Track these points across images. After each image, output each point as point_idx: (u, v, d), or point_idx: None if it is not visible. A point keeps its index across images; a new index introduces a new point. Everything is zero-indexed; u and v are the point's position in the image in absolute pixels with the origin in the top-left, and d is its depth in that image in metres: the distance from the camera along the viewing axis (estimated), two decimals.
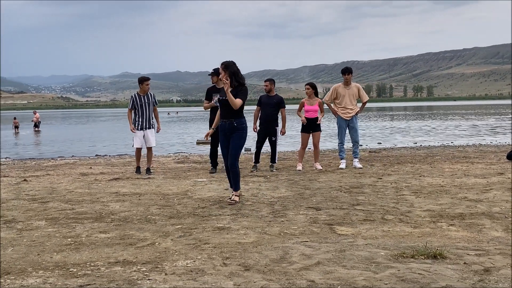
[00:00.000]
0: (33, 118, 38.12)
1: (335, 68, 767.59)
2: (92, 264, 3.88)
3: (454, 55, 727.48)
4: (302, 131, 9.95)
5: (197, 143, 20.67)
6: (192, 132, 30.26)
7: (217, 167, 9.81)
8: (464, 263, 3.71)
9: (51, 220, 5.58)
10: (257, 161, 9.98)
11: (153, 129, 9.75)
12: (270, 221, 5.32)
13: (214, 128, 6.96)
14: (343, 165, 9.87)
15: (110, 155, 15.89)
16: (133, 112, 9.71)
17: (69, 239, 4.70)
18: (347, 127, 9.84)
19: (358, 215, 5.54)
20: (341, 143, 9.93)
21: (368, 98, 10.23)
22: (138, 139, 9.63)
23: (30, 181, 8.92)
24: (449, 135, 22.81)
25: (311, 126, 9.84)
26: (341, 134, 9.92)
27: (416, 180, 8.04)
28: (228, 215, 5.66)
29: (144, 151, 9.85)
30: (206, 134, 6.95)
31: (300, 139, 10.10)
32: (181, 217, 5.58)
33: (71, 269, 3.76)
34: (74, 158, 14.97)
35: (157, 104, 9.88)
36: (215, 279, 3.46)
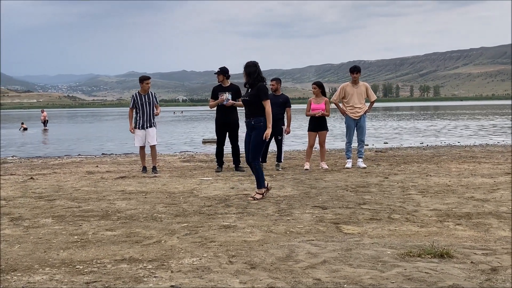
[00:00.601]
0: (40, 116, 38.41)
1: (341, 67, 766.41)
2: (98, 262, 3.88)
3: (461, 55, 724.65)
4: (309, 130, 9.94)
5: (203, 142, 20.70)
6: (198, 131, 30.29)
7: (223, 166, 9.82)
8: (471, 262, 3.70)
9: (57, 217, 5.60)
10: (263, 160, 9.97)
11: (154, 128, 9.76)
12: (276, 219, 5.31)
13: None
14: (349, 164, 9.85)
15: (116, 154, 15.94)
16: (134, 111, 9.77)
17: (76, 237, 4.71)
18: (355, 126, 9.82)
19: (364, 214, 5.52)
20: (349, 143, 9.90)
21: (376, 97, 10.20)
22: (138, 138, 9.71)
23: (37, 179, 8.96)
24: (455, 135, 22.71)
25: (317, 125, 9.82)
26: (349, 133, 9.88)
27: (423, 180, 8.01)
28: (234, 213, 5.66)
29: (148, 150, 9.89)
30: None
31: (307, 138, 10.09)
32: (187, 215, 5.58)
33: (77, 266, 3.77)
34: (80, 156, 15.01)
35: (158, 103, 9.90)
36: (221, 277, 3.46)
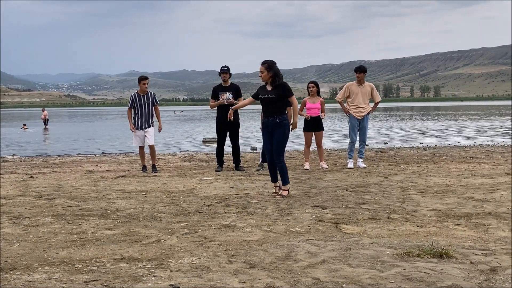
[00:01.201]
0: (41, 115, 38.51)
1: (341, 67, 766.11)
2: (97, 261, 3.89)
3: (462, 55, 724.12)
4: (304, 130, 9.92)
5: (204, 142, 20.71)
6: (199, 131, 30.29)
7: (223, 166, 9.82)
8: (470, 262, 3.70)
9: (57, 216, 5.60)
10: (264, 160, 9.98)
11: (152, 128, 9.69)
12: (276, 219, 5.31)
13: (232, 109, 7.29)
14: (351, 164, 9.84)
15: (116, 153, 15.95)
16: (133, 111, 9.73)
17: (75, 236, 4.71)
18: (358, 126, 9.80)
19: (364, 214, 5.52)
20: (352, 143, 9.89)
21: (381, 98, 10.18)
22: (137, 138, 9.68)
23: (37, 178, 8.96)
24: (455, 135, 22.71)
25: (313, 125, 9.79)
26: (352, 133, 9.86)
27: (423, 180, 8.01)
28: (233, 213, 5.66)
29: (147, 150, 9.88)
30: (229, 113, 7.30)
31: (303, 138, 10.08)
32: (186, 215, 5.59)
33: (76, 265, 3.77)
34: (80, 155, 15.01)
35: (158, 103, 9.84)
36: (220, 276, 3.46)
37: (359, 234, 4.66)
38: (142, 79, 9.66)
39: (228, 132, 9.69)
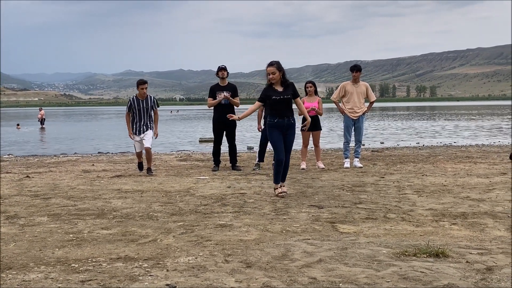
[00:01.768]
0: (38, 115, 38.43)
1: (338, 67, 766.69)
2: (93, 260, 3.88)
3: (458, 56, 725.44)
4: (302, 129, 9.90)
5: (200, 141, 20.70)
6: (195, 130, 30.26)
7: (220, 165, 9.81)
8: (466, 261, 3.70)
9: (53, 216, 5.59)
10: (261, 159, 9.98)
11: (151, 131, 9.34)
12: (272, 218, 5.31)
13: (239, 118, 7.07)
14: (347, 164, 9.85)
15: (112, 153, 15.91)
16: (131, 115, 9.38)
17: (71, 235, 4.70)
18: (353, 126, 9.81)
19: (360, 213, 5.53)
20: (347, 142, 9.91)
21: (376, 98, 10.19)
22: (138, 144, 9.39)
23: (33, 177, 8.94)
24: (451, 135, 22.76)
25: (311, 124, 9.75)
26: (347, 133, 9.88)
27: (419, 179, 8.02)
28: (230, 212, 5.66)
29: (144, 152, 9.67)
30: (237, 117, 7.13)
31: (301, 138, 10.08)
32: (183, 214, 5.58)
33: (72, 265, 3.76)
34: (76, 155, 14.98)
35: (158, 106, 9.50)
36: (217, 275, 3.45)
37: (356, 234, 4.66)
38: (140, 83, 9.26)
39: (225, 132, 9.68)
